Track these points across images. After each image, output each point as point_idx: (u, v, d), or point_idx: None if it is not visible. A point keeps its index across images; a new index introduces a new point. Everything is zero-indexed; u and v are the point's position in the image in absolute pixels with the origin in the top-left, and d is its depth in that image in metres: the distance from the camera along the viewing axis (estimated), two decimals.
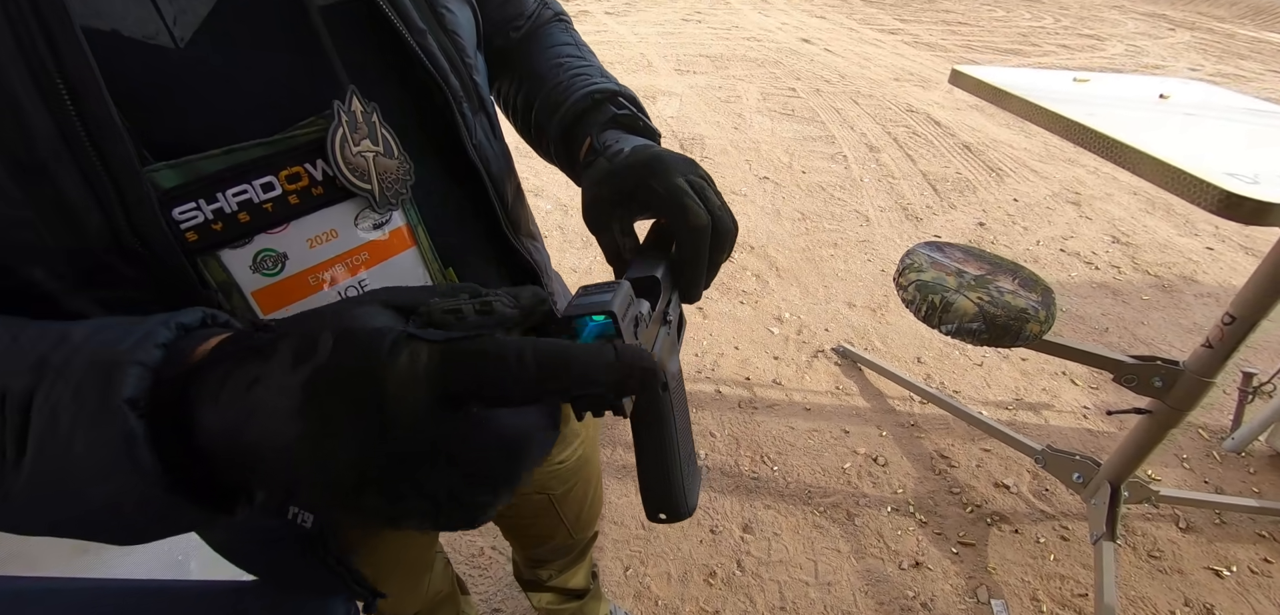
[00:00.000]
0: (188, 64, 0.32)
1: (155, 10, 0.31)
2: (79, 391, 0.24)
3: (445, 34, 0.41)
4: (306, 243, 0.37)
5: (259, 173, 0.34)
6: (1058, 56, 7.91)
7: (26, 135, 0.28)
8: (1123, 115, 1.15)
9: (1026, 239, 3.16)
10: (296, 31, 0.35)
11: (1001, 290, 1.29)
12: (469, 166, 0.44)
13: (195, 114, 0.33)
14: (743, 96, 5.45)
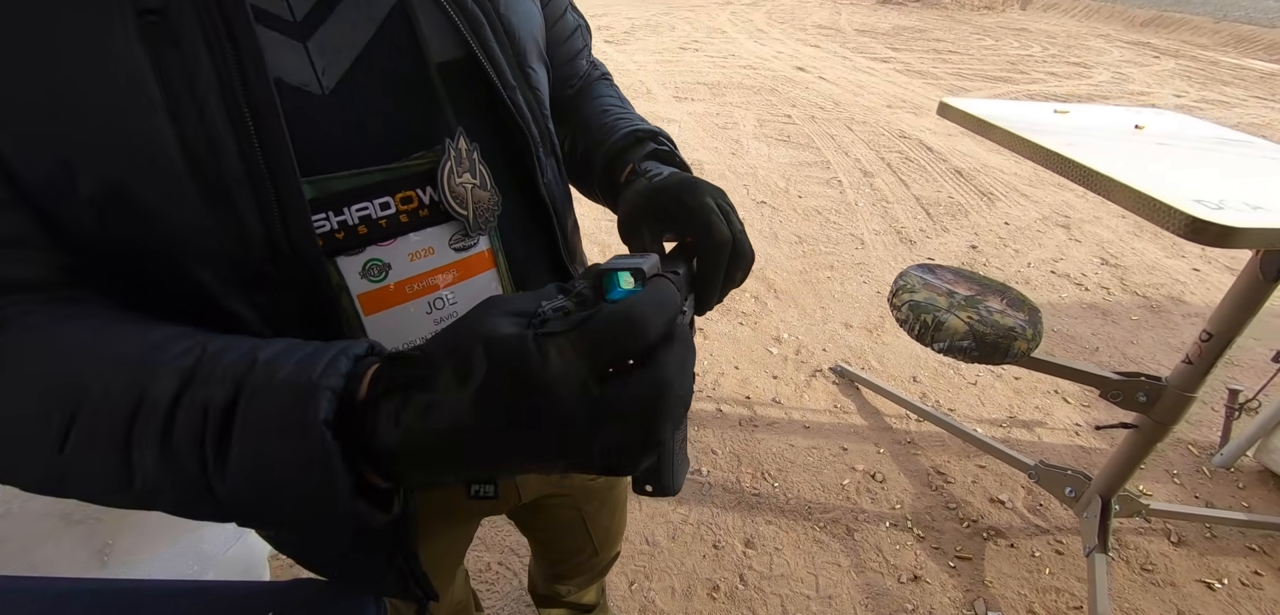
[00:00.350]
0: (330, 106, 0.39)
1: (310, 64, 0.39)
2: (280, 411, 0.29)
3: (530, 89, 0.49)
4: (408, 256, 0.43)
5: (379, 194, 0.41)
6: (1045, 84, 8.09)
7: (218, 159, 0.34)
8: (1099, 145, 1.22)
9: (1018, 261, 3.23)
10: (417, 82, 0.42)
11: (990, 310, 1.35)
12: (540, 201, 0.50)
13: (332, 143, 0.40)
14: (740, 123, 5.57)
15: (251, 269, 0.37)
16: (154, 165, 0.33)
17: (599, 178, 0.59)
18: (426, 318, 0.45)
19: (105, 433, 0.31)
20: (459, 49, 0.43)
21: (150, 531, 1.28)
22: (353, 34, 0.40)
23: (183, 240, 0.36)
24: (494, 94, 0.45)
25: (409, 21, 0.41)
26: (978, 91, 7.42)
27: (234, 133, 0.34)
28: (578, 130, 0.62)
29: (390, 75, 0.41)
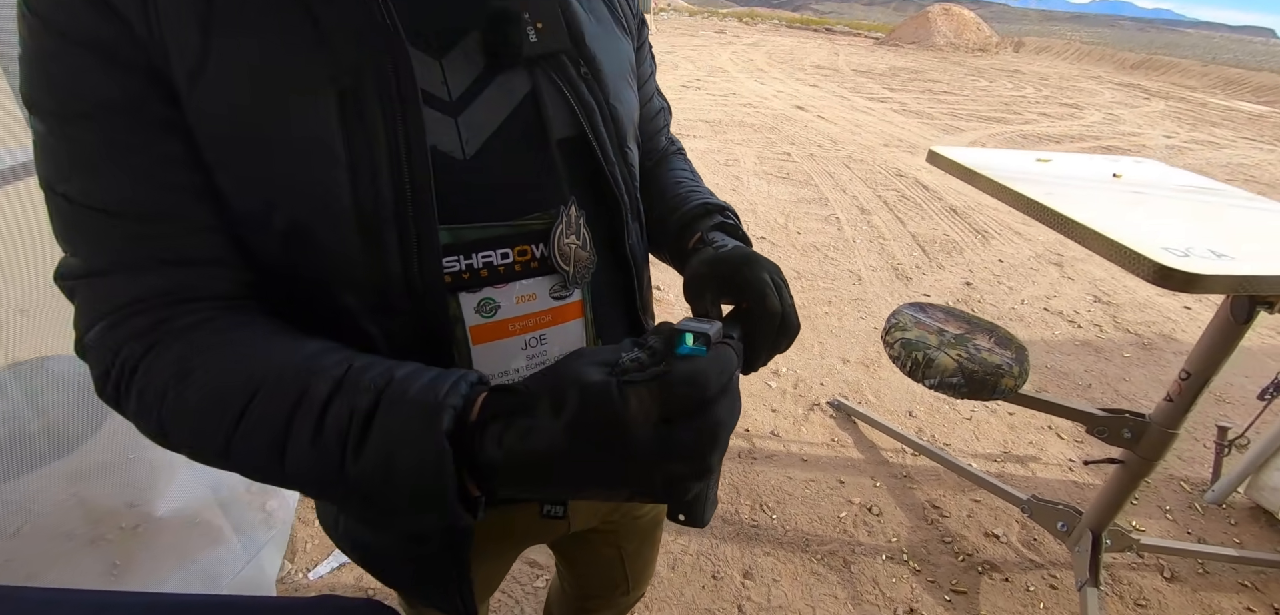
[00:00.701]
0: (469, 168, 0.47)
1: (458, 135, 0.47)
2: (410, 420, 0.37)
3: (626, 165, 0.56)
4: (515, 299, 0.50)
5: (500, 245, 0.48)
6: (1038, 124, 8.28)
7: (377, 209, 0.42)
8: (1077, 193, 1.29)
9: (1011, 298, 3.30)
10: (539, 154, 0.50)
11: (979, 348, 1.41)
12: (624, 261, 0.57)
13: (468, 199, 0.47)
14: (740, 160, 5.69)
15: (388, 298, 0.45)
16: (329, 210, 0.42)
17: (669, 242, 0.66)
18: (521, 352, 0.52)
19: (270, 419, 0.39)
20: (574, 129, 0.52)
21: (161, 551, 1.32)
22: (493, 113, 0.48)
23: (339, 270, 0.44)
24: (598, 167, 0.53)
25: (537, 105, 0.50)
26: (972, 131, 7.59)
27: (394, 190, 0.43)
28: (653, 197, 0.69)
29: (519, 147, 0.49)
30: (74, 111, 0.38)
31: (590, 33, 0.54)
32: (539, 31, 0.48)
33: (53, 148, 0.40)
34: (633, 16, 0.63)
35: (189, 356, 0.40)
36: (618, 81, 0.56)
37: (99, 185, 0.39)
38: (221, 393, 0.39)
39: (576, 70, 0.52)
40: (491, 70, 0.48)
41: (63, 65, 0.38)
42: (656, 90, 0.73)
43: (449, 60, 0.46)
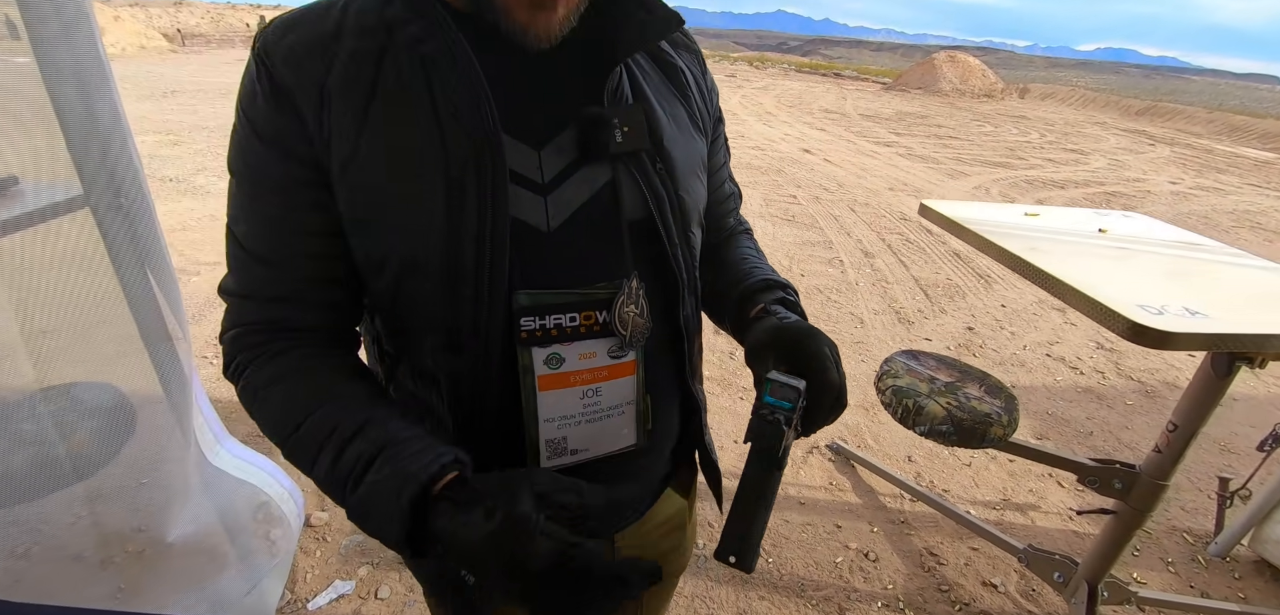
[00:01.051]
0: (552, 241, 0.55)
1: (545, 212, 0.55)
2: (387, 482, 0.48)
3: (688, 247, 0.63)
4: (578, 355, 0.57)
5: (571, 309, 0.56)
6: (1042, 169, 8.35)
7: (460, 262, 0.52)
8: (1061, 248, 1.34)
9: (1013, 344, 3.31)
10: (612, 233, 0.58)
11: (969, 396, 1.44)
12: (678, 330, 0.64)
13: (548, 267, 0.55)
14: (747, 202, 5.77)
15: (460, 340, 0.54)
16: (425, 267, 0.53)
17: (732, 313, 0.71)
18: (579, 401, 0.58)
19: (313, 438, 0.52)
20: (644, 212, 0.59)
21: (168, 577, 1.35)
22: (577, 195, 0.56)
23: (426, 315, 0.55)
24: (662, 248, 0.60)
25: (615, 191, 0.58)
26: (976, 175, 7.67)
27: (476, 256, 0.52)
28: (718, 271, 0.75)
29: (595, 225, 0.57)
30: (249, 180, 0.54)
31: (668, 134, 0.61)
32: (625, 134, 0.57)
33: (234, 198, 0.55)
34: (709, 117, 0.71)
35: (275, 374, 0.55)
36: (688, 176, 0.63)
37: (251, 234, 0.55)
38: (289, 408, 0.54)
39: (652, 165, 0.59)
40: (581, 161, 0.57)
41: (251, 148, 0.52)
42: (729, 177, 0.80)
43: (546, 150, 0.56)
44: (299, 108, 0.50)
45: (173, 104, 9.98)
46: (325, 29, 0.52)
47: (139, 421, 1.10)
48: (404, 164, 0.51)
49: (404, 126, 0.51)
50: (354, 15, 0.53)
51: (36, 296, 1.02)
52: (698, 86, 0.68)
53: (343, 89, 0.51)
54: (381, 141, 0.51)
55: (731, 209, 0.81)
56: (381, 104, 0.51)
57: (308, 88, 0.50)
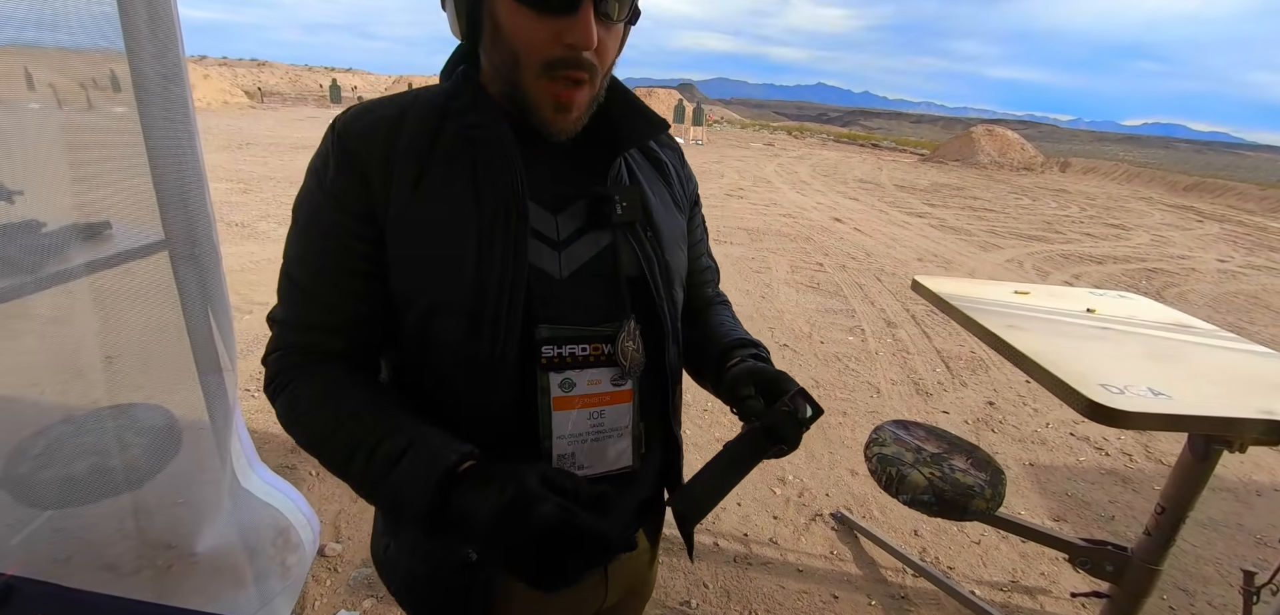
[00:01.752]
0: (564, 286, 0.68)
1: (559, 263, 0.68)
2: (419, 466, 0.57)
3: (672, 302, 0.76)
4: (587, 381, 0.68)
5: (581, 342, 0.68)
6: (1081, 244, 8.19)
7: (484, 301, 0.63)
8: (1038, 327, 1.39)
9: (1036, 421, 3.25)
10: (613, 284, 0.71)
11: (953, 468, 1.47)
12: (663, 370, 0.75)
13: (562, 307, 0.67)
14: (773, 268, 5.87)
15: (477, 366, 0.65)
16: (452, 306, 0.64)
17: (711, 367, 0.83)
18: (586, 421, 0.69)
19: (348, 440, 0.61)
20: (637, 271, 0.72)
21: (186, 592, 1.47)
22: (584, 252, 0.70)
23: (453, 347, 0.65)
24: (651, 299, 0.73)
25: (615, 252, 0.71)
26: (1010, 248, 7.59)
27: (498, 298, 0.63)
28: (700, 333, 0.87)
29: (598, 277, 0.70)
30: (310, 226, 0.66)
31: (656, 209, 0.76)
32: (624, 208, 0.71)
33: (293, 241, 0.68)
34: (686, 199, 0.85)
35: (313, 389, 0.65)
36: (671, 245, 0.77)
37: (305, 271, 0.66)
38: (326, 417, 0.64)
39: (644, 233, 0.73)
40: (588, 226, 0.71)
41: (316, 200, 0.65)
42: (707, 253, 0.94)
43: (562, 215, 0.70)
44: (365, 171, 0.63)
45: (246, 155, 10.81)
46: (392, 113, 0.67)
47: (184, 442, 1.25)
48: (445, 221, 0.64)
49: (448, 190, 0.64)
50: (421, 104, 0.68)
51: (115, 325, 1.20)
52: (678, 175, 0.84)
53: (403, 159, 0.64)
54: (429, 202, 0.64)
55: (710, 280, 0.94)
56: (432, 172, 0.64)
57: (375, 157, 0.64)
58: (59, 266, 1.13)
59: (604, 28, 0.63)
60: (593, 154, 0.72)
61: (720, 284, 0.98)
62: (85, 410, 1.23)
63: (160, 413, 1.24)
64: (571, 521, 0.52)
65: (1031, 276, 6.32)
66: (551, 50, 0.61)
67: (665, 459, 0.82)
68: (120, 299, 1.22)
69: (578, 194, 0.70)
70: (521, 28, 0.61)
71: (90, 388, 1.19)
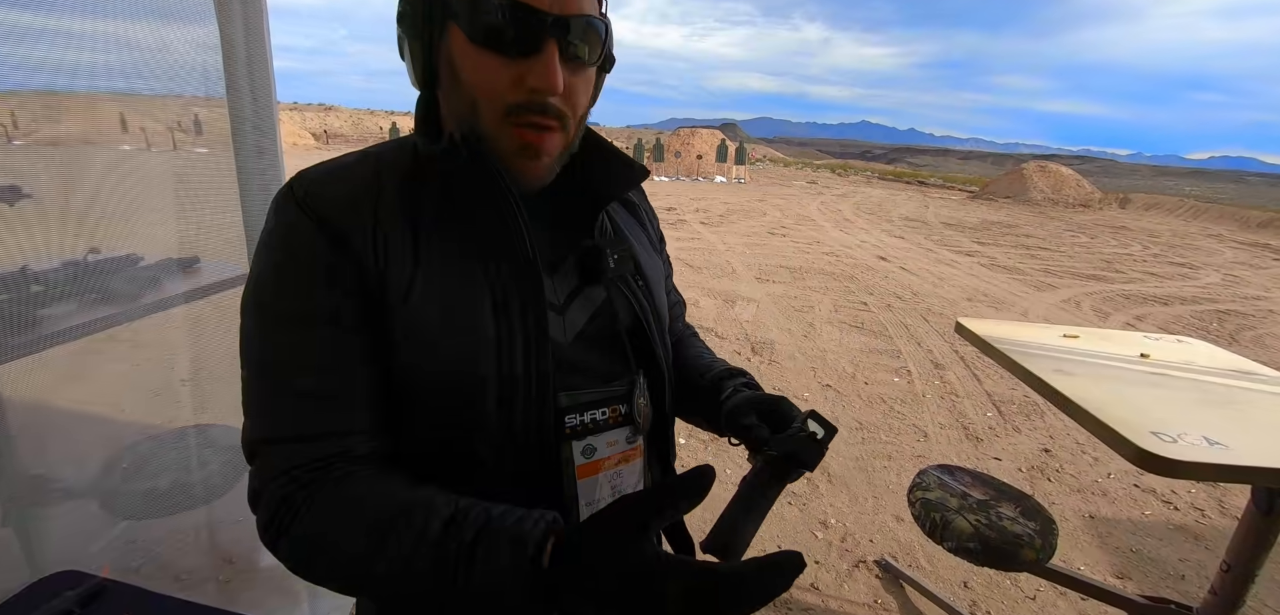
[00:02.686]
0: (571, 350, 0.65)
1: (563, 327, 0.64)
2: (499, 549, 0.48)
3: (665, 347, 0.74)
4: (607, 444, 0.67)
5: (600, 405, 0.66)
6: (1144, 283, 7.80)
7: (512, 374, 0.58)
8: (1087, 372, 1.35)
9: (1096, 471, 3.10)
10: (614, 342, 0.68)
11: (1001, 516, 1.43)
12: (665, 417, 0.74)
13: (572, 372, 0.64)
14: (816, 307, 5.81)
15: (512, 442, 0.60)
16: (475, 378, 0.58)
17: (703, 400, 0.80)
18: (608, 484, 0.67)
19: (399, 551, 0.50)
20: (633, 320, 0.71)
21: (251, 603, 1.55)
22: (583, 312, 0.67)
23: (477, 423, 0.59)
24: (651, 348, 0.71)
25: (611, 307, 0.69)
26: (1066, 288, 7.29)
27: (525, 368, 0.59)
28: (681, 367, 0.85)
29: (599, 335, 0.68)
30: (299, 322, 0.55)
31: (642, 258, 0.75)
32: (616, 261, 0.68)
33: (278, 347, 0.56)
34: (659, 240, 0.86)
35: (343, 500, 0.54)
36: (657, 288, 0.76)
37: (303, 374, 0.55)
38: (368, 525, 0.52)
39: (635, 283, 0.72)
40: (582, 284, 0.68)
41: (299, 290, 0.55)
42: (674, 287, 0.95)
43: (555, 277, 0.66)
44: (354, 248, 0.56)
45: None
46: (367, 173, 0.60)
47: None
48: (455, 291, 0.58)
49: (454, 259, 0.59)
50: (389, 163, 0.61)
51: (198, 350, 1.32)
52: (649, 216, 0.84)
53: (392, 230, 0.57)
54: (435, 272, 0.58)
55: (679, 314, 0.95)
56: (429, 239, 0.59)
57: (361, 229, 0.56)
58: (155, 297, 1.25)
59: (572, 71, 0.59)
60: (573, 208, 0.69)
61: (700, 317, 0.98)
62: (170, 429, 1.34)
63: (234, 432, 1.35)
64: (705, 581, 0.44)
65: (1089, 318, 6.05)
66: (513, 95, 0.57)
67: None
68: (204, 326, 1.34)
69: (565, 252, 0.67)
70: (479, 71, 0.57)
71: (176, 408, 1.30)
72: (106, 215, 1.37)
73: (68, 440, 1.43)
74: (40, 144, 1.24)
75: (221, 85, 1.24)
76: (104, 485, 1.28)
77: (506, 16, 0.54)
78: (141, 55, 1.23)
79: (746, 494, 0.63)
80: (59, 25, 1.14)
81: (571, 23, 0.56)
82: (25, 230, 1.23)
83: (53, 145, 1.24)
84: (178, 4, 1.16)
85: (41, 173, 1.25)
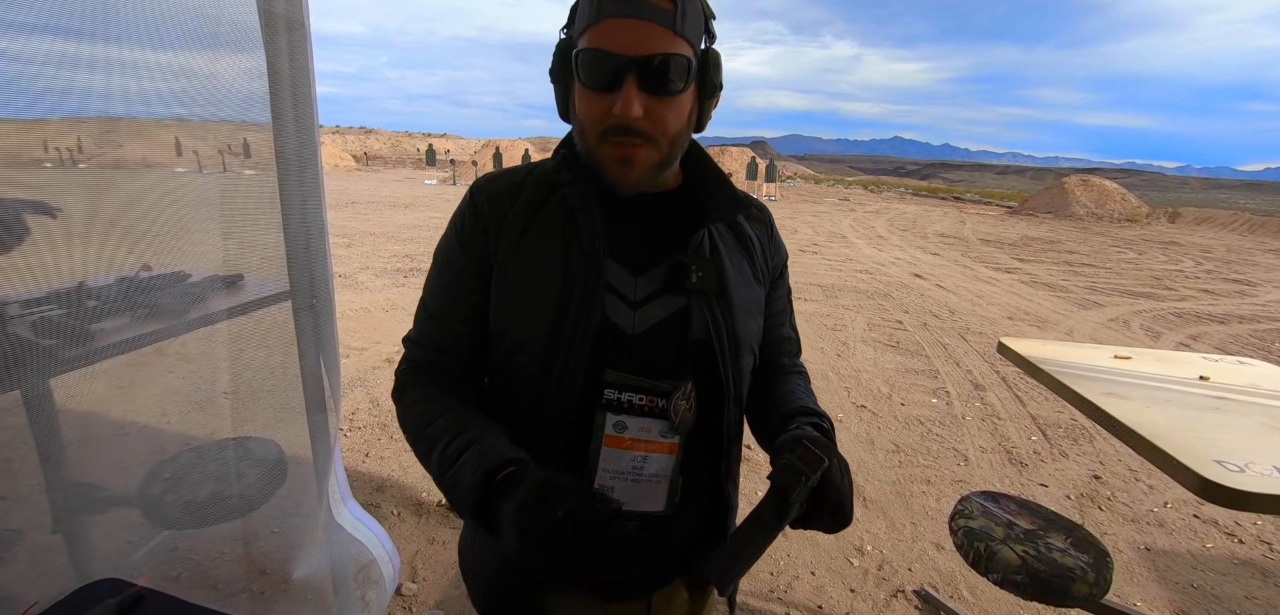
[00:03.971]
0: (635, 341, 0.75)
1: (633, 320, 0.75)
2: (470, 469, 0.67)
3: (737, 367, 0.80)
4: (639, 427, 0.74)
5: (639, 391, 0.74)
6: (1198, 301, 7.44)
7: (557, 345, 0.72)
8: (1146, 395, 1.28)
9: (1152, 499, 2.94)
10: (679, 346, 0.76)
11: (1051, 547, 1.36)
12: (719, 433, 0.80)
13: (631, 359, 0.74)
14: (849, 325, 5.70)
15: (547, 401, 0.74)
16: (530, 344, 0.74)
17: (773, 428, 0.83)
18: (630, 463, 0.75)
19: (435, 435, 0.73)
20: (705, 334, 0.77)
21: (293, 608, 1.57)
22: (658, 314, 0.76)
23: (529, 379, 0.75)
24: (715, 362, 0.78)
25: (686, 316, 0.76)
26: (1114, 306, 7.01)
27: (569, 342, 0.72)
28: (769, 399, 0.89)
29: (667, 336, 0.76)
30: (443, 262, 0.81)
31: (732, 280, 0.81)
32: (698, 277, 0.77)
33: (430, 275, 0.83)
34: (770, 270, 0.89)
35: (422, 394, 0.79)
36: (744, 314, 0.82)
37: (432, 296, 0.82)
38: (424, 416, 0.76)
39: (716, 302, 0.78)
40: (665, 289, 0.77)
41: (451, 244, 0.81)
42: (789, 324, 0.96)
43: (641, 278, 0.77)
44: (487, 225, 0.77)
45: (350, 213, 11.81)
46: (516, 180, 0.80)
47: (289, 475, 1.37)
48: (535, 271, 0.75)
49: (544, 247, 0.76)
50: (537, 174, 0.80)
51: (239, 365, 1.35)
52: (763, 248, 0.88)
53: (516, 218, 0.77)
54: (526, 257, 0.76)
55: (788, 352, 0.96)
56: (535, 231, 0.76)
57: (496, 214, 0.77)
58: (200, 313, 1.29)
59: (654, 99, 0.70)
60: (679, 222, 0.79)
61: (801, 355, 0.99)
62: (210, 440, 1.38)
63: (272, 446, 1.37)
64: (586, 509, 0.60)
65: (1140, 337, 5.79)
66: (604, 122, 0.71)
67: (711, 516, 0.85)
68: (246, 342, 1.38)
69: (659, 259, 0.77)
70: (582, 105, 0.73)
71: (218, 420, 1.34)
72: (158, 233, 1.43)
73: (115, 450, 1.48)
74: (103, 166, 1.30)
75: (267, 111, 1.29)
76: (148, 495, 1.31)
77: (593, 60, 0.69)
78: (194, 83, 1.28)
79: (748, 527, 0.65)
80: (120, 56, 1.20)
81: (647, 60, 0.68)
82: (84, 246, 1.29)
83: (114, 167, 1.30)
84: (229, 34, 1.21)
85: (101, 192, 1.31)
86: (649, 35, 0.67)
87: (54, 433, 1.30)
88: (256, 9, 1.17)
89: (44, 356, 1.10)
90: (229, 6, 1.17)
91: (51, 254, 1.20)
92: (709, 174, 0.83)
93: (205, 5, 1.16)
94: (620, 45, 0.67)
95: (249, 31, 1.20)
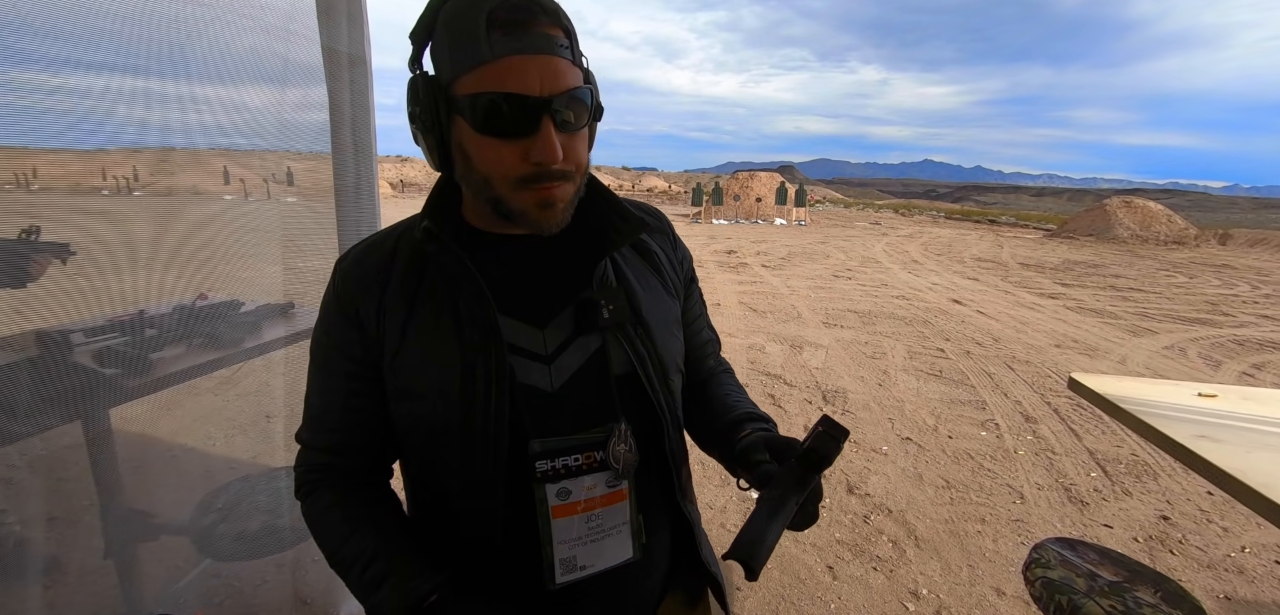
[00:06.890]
0: (556, 398, 0.70)
1: (549, 376, 0.70)
2: (393, 597, 0.64)
3: (668, 392, 0.77)
4: (584, 488, 0.70)
5: (573, 451, 0.70)
6: (1257, 327, 7.06)
7: (481, 426, 0.66)
8: (1243, 437, 1.19)
9: (1227, 543, 2.74)
10: (603, 387, 0.72)
11: (1139, 602, 1.26)
12: (665, 459, 0.77)
13: (554, 419, 0.70)
14: (888, 353, 5.55)
15: (481, 487, 0.68)
16: (448, 431, 0.68)
17: (719, 441, 0.82)
18: (584, 525, 0.71)
19: (348, 556, 0.69)
20: (628, 368, 0.74)
21: None
22: (574, 361, 0.72)
23: (451, 467, 0.69)
24: (645, 394, 0.75)
25: (604, 354, 0.73)
26: (1168, 333, 6.69)
27: (482, 419, 0.67)
28: (705, 405, 0.88)
29: (589, 382, 0.72)
30: (319, 364, 0.75)
31: (645, 303, 0.77)
32: (610, 311, 0.72)
33: (309, 372, 0.76)
34: (680, 279, 0.86)
35: (325, 502, 0.73)
36: (664, 334, 0.78)
37: (315, 399, 0.75)
38: (334, 531, 0.71)
39: (634, 331, 0.74)
40: (576, 334, 0.72)
41: (324, 342, 0.73)
42: (707, 325, 0.93)
43: (549, 328, 0.72)
44: (363, 323, 0.70)
45: None
46: (385, 256, 0.72)
47: None
48: (430, 361, 0.69)
49: (433, 328, 0.69)
50: (406, 250, 0.73)
51: (290, 393, 1.35)
52: (669, 259, 0.85)
53: (393, 303, 0.70)
54: (418, 341, 0.69)
55: (711, 353, 0.93)
56: (419, 312, 0.70)
57: (371, 310, 0.70)
58: (255, 342, 1.30)
59: (567, 136, 0.65)
60: (578, 255, 0.75)
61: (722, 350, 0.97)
62: (262, 469, 1.38)
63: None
64: None
65: (1197, 365, 5.50)
66: (520, 169, 0.65)
67: (678, 538, 0.82)
68: (298, 369, 1.38)
69: (565, 302, 0.73)
70: (487, 155, 0.65)
71: (271, 450, 1.33)
72: (213, 261, 1.45)
73: (167, 476, 1.49)
74: (157, 194, 1.32)
75: (322, 141, 1.30)
76: (199, 525, 1.31)
77: (502, 106, 0.62)
78: (250, 116, 1.31)
79: (767, 506, 0.63)
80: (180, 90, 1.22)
81: (558, 100, 0.63)
82: (143, 274, 1.31)
83: (167, 195, 1.32)
84: (295, 71, 1.23)
85: (161, 220, 1.34)
86: (556, 72, 0.63)
87: (111, 459, 1.31)
88: (319, 46, 1.19)
89: (107, 387, 1.11)
90: (294, 45, 1.19)
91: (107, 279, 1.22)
92: (600, 199, 0.77)
93: (273, 43, 1.18)
94: (530, 86, 0.62)
95: (312, 69, 1.22)
